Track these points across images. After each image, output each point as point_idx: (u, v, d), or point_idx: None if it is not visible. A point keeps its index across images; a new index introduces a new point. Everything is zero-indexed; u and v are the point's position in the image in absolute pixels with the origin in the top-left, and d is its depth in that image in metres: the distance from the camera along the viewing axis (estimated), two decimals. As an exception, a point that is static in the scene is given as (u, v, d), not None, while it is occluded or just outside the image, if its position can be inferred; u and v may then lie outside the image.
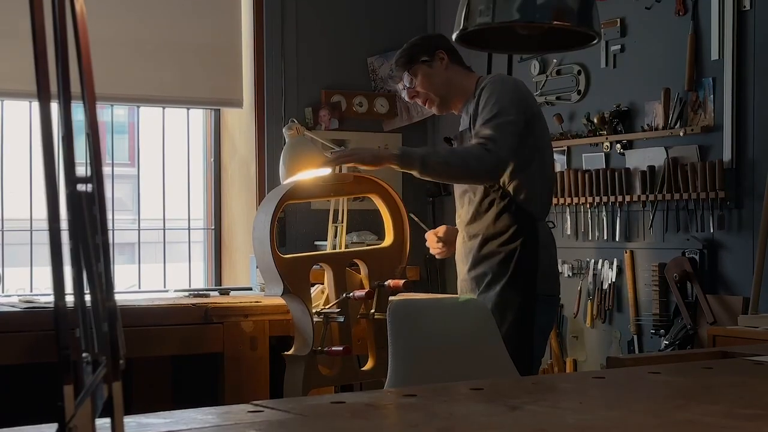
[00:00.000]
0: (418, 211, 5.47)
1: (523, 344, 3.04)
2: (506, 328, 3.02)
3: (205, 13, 5.21)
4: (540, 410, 1.53)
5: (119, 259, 5.92)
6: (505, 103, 3.09)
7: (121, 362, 0.90)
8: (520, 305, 3.07)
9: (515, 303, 3.07)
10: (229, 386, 3.42)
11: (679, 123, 4.39)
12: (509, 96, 3.11)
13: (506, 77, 3.25)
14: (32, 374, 3.23)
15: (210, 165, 5.48)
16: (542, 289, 3.13)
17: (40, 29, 0.77)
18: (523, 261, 3.09)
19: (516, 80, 3.26)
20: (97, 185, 0.89)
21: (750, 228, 4.15)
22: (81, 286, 0.85)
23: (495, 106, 3.09)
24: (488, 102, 3.10)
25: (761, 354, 2.24)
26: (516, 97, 3.12)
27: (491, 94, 3.11)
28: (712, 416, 1.46)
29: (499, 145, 3.02)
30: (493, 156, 3.01)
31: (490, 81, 3.18)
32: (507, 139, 3.05)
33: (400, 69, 3.30)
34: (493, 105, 3.09)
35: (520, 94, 3.15)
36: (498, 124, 3.06)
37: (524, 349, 3.03)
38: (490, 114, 3.08)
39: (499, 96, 3.10)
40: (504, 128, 3.05)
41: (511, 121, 3.07)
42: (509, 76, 3.32)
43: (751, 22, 4.17)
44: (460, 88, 3.26)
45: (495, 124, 3.06)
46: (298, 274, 3.30)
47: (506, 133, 3.05)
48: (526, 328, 3.06)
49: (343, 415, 1.50)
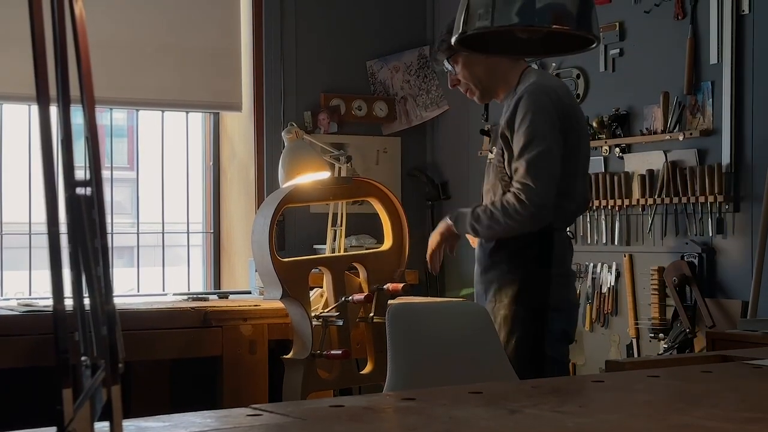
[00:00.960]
0: (417, 215, 5.48)
1: (536, 353, 2.96)
2: (517, 337, 2.95)
3: (205, 16, 5.21)
4: (539, 414, 1.53)
5: (118, 263, 5.92)
6: (540, 127, 2.92)
7: (120, 366, 0.90)
8: (532, 315, 2.96)
9: (526, 313, 2.97)
10: (228, 390, 3.42)
11: (678, 127, 4.40)
12: (544, 117, 2.94)
13: (543, 90, 2.99)
14: (31, 378, 3.23)
15: (209, 168, 5.48)
16: (556, 298, 3.02)
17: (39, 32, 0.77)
18: (535, 271, 2.98)
19: (553, 92, 3.02)
20: (96, 189, 0.89)
21: (749, 232, 4.15)
22: (80, 289, 0.85)
23: (529, 132, 2.91)
24: (522, 124, 2.93)
25: (760, 358, 2.24)
26: (552, 117, 2.95)
27: (525, 114, 2.93)
28: (711, 420, 1.46)
29: (535, 191, 2.87)
30: (525, 205, 2.88)
31: (527, 95, 2.97)
32: (543, 177, 2.90)
33: (441, 55, 3.17)
34: (526, 130, 2.92)
35: (557, 112, 2.97)
36: (532, 159, 2.89)
37: (537, 357, 2.95)
38: (524, 141, 2.91)
39: (534, 118, 2.93)
40: (539, 163, 2.89)
41: (546, 150, 2.90)
42: (549, 85, 3.05)
43: (749, 26, 4.17)
44: (504, 78, 3.11)
45: (530, 159, 2.89)
46: (297, 277, 3.30)
47: (541, 168, 2.90)
48: (539, 337, 2.96)
49: (341, 418, 1.50)
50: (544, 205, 2.91)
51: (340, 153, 3.78)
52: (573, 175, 3.05)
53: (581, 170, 3.12)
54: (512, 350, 2.93)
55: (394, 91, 5.63)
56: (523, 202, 2.89)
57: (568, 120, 3.00)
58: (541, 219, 2.93)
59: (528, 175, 2.89)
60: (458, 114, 5.56)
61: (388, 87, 5.62)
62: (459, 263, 5.50)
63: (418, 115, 5.66)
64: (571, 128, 3.02)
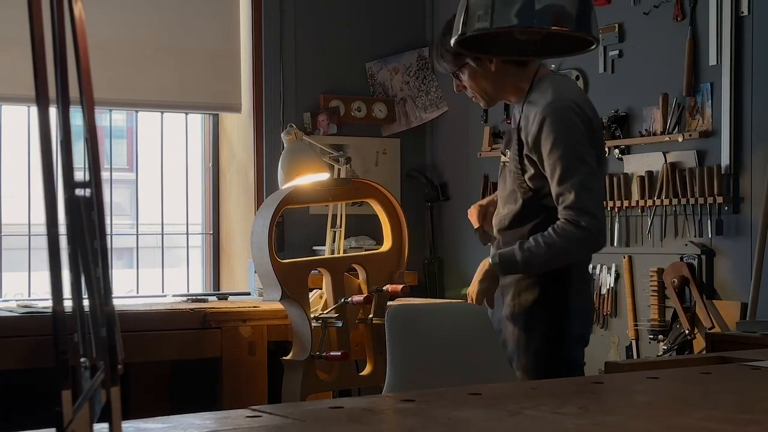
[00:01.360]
0: (416, 216, 5.49)
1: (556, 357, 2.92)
2: (537, 341, 2.90)
3: (204, 18, 5.21)
4: (539, 415, 1.53)
5: (117, 264, 5.91)
6: (576, 150, 2.83)
7: (119, 367, 0.90)
8: (552, 320, 2.92)
9: (547, 317, 2.92)
10: (228, 391, 3.42)
11: (677, 128, 4.40)
12: (576, 136, 2.85)
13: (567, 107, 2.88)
14: (30, 379, 3.23)
15: (208, 170, 5.48)
16: (576, 302, 2.97)
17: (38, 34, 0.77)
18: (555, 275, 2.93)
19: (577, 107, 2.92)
20: (96, 190, 0.89)
21: (748, 233, 4.15)
22: (79, 291, 0.85)
23: (567, 157, 2.81)
24: (555, 148, 2.82)
25: (759, 359, 2.24)
26: (583, 136, 2.87)
27: (556, 138, 2.82)
28: (711, 421, 1.46)
29: (589, 211, 2.80)
30: (589, 232, 2.80)
31: (553, 115, 2.84)
32: (594, 200, 2.83)
33: (445, 66, 3.05)
34: (563, 155, 2.82)
35: (585, 126, 2.89)
36: (580, 185, 2.80)
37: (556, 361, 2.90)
38: (563, 166, 2.81)
39: (567, 141, 2.82)
40: (587, 186, 2.82)
41: (588, 172, 2.84)
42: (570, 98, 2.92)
43: (748, 28, 4.18)
44: (513, 87, 3.00)
45: (577, 186, 2.80)
46: (296, 279, 3.30)
47: (590, 191, 2.82)
48: (558, 341, 2.92)
49: (341, 420, 1.50)
50: (603, 228, 2.87)
51: (340, 154, 3.78)
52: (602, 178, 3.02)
53: (603, 176, 3.10)
54: (532, 353, 2.89)
55: (393, 92, 5.63)
56: (585, 229, 2.80)
57: (592, 132, 2.95)
58: (602, 243, 2.89)
59: (581, 202, 2.80)
60: (458, 115, 5.56)
61: (387, 88, 5.62)
62: (458, 263, 5.50)
63: (418, 117, 5.66)
64: (596, 138, 2.97)
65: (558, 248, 2.83)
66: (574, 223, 2.80)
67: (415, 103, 5.66)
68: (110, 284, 0.91)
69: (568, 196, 2.81)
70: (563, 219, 2.81)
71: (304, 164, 3.62)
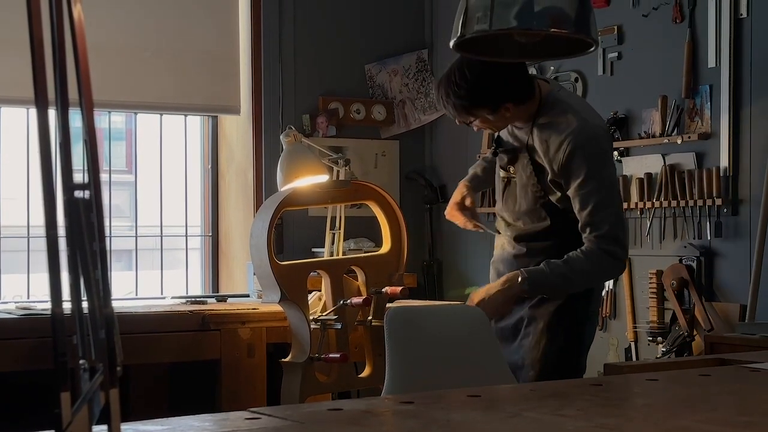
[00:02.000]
0: (415, 218, 5.49)
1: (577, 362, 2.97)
2: (557, 348, 2.93)
3: (203, 20, 5.22)
4: (538, 417, 1.53)
5: (116, 266, 5.91)
6: (607, 180, 2.88)
7: (118, 369, 0.90)
8: (571, 326, 2.95)
9: (567, 324, 2.95)
10: (227, 393, 3.42)
11: (676, 130, 4.40)
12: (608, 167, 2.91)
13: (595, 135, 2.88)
14: (29, 381, 3.22)
15: (207, 172, 5.48)
16: (593, 307, 3.05)
17: (37, 36, 0.77)
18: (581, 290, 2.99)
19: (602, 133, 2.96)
20: (95, 192, 0.89)
21: (747, 235, 4.15)
22: (78, 292, 0.85)
23: (602, 189, 2.84)
24: (589, 181, 2.82)
25: (758, 361, 2.24)
26: (611, 164, 2.96)
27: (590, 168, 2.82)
28: (710, 424, 1.46)
29: (620, 242, 2.87)
30: (621, 261, 2.90)
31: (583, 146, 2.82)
32: (624, 230, 2.93)
33: (459, 114, 2.92)
34: (597, 189, 2.83)
35: (610, 152, 2.99)
36: (614, 215, 2.86)
37: (576, 367, 2.97)
38: (599, 198, 2.83)
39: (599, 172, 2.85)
40: (620, 217, 2.90)
41: (619, 202, 2.95)
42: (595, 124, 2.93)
43: (747, 30, 4.18)
44: (518, 118, 2.95)
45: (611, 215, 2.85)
46: (295, 281, 3.30)
47: (622, 221, 2.91)
48: (576, 347, 2.97)
49: (340, 422, 1.50)
50: (627, 253, 2.95)
51: (339, 156, 3.78)
52: None
53: None
54: (554, 356, 2.92)
55: (392, 94, 5.63)
56: (620, 260, 2.89)
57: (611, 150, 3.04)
58: (625, 267, 3.03)
59: (617, 233, 2.86)
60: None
61: (386, 90, 5.62)
62: (457, 265, 5.50)
63: (417, 119, 5.67)
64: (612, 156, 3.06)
65: (592, 276, 2.92)
66: (610, 253, 2.85)
67: (414, 105, 5.67)
68: (109, 286, 0.91)
69: (603, 226, 2.84)
70: (599, 248, 2.84)
71: (303, 166, 3.62)
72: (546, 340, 2.93)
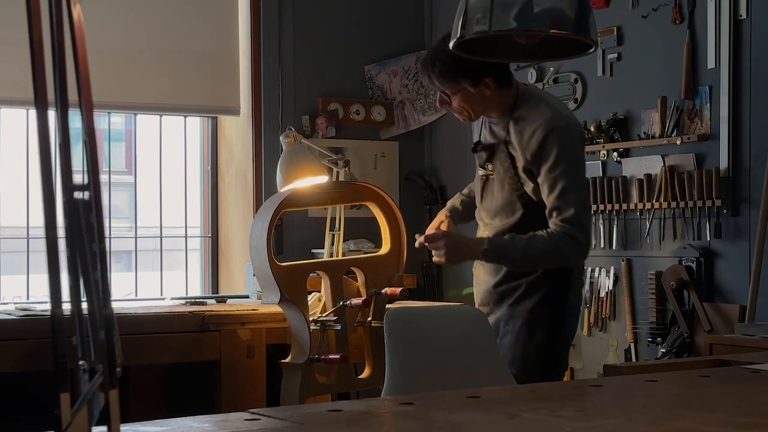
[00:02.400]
0: (415, 219, 5.48)
1: (556, 357, 3.01)
2: (537, 342, 2.97)
3: (203, 20, 5.22)
4: (537, 418, 1.53)
5: (116, 267, 5.91)
6: (577, 171, 2.97)
7: (117, 370, 0.90)
8: (550, 322, 2.99)
9: (545, 320, 2.99)
10: (226, 394, 3.42)
11: (676, 131, 4.40)
12: (576, 155, 2.98)
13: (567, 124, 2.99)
14: (29, 382, 3.22)
15: (207, 173, 5.48)
16: (573, 301, 3.07)
17: (37, 37, 0.78)
18: (556, 278, 3.01)
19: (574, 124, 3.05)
20: (94, 193, 0.89)
21: (746, 236, 4.15)
22: (78, 293, 0.85)
23: (568, 173, 2.92)
24: (557, 165, 2.90)
25: (758, 362, 2.24)
26: (581, 154, 3.02)
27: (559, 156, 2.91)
28: (709, 425, 1.46)
29: (585, 228, 2.94)
30: (582, 248, 2.95)
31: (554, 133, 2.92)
32: (588, 217, 2.98)
33: (441, 81, 3.05)
34: (564, 173, 2.91)
35: (581, 143, 3.05)
36: (578, 200, 2.93)
37: (557, 361, 3.00)
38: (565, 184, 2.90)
39: (569, 159, 2.93)
40: (584, 204, 2.97)
41: (584, 193, 3.01)
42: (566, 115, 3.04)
43: (747, 31, 4.18)
44: (498, 105, 3.05)
45: (576, 201, 2.92)
46: (295, 282, 3.30)
47: (586, 209, 2.97)
48: (556, 343, 3.01)
49: (340, 423, 1.50)
50: (590, 237, 3.02)
51: (338, 157, 3.78)
52: None
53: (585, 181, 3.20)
54: (533, 353, 2.97)
55: (392, 95, 5.63)
56: (581, 245, 2.94)
57: (582, 144, 3.09)
58: (586, 255, 3.03)
59: (581, 219, 2.93)
60: (456, 118, 5.54)
61: (386, 91, 5.62)
62: (457, 266, 5.50)
63: (416, 120, 5.67)
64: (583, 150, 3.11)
65: (551, 257, 2.97)
66: (572, 237, 2.92)
67: (413, 106, 5.67)
68: (109, 287, 0.91)
69: (569, 211, 2.91)
70: (562, 231, 2.92)
71: (302, 167, 3.62)
72: (525, 337, 2.98)
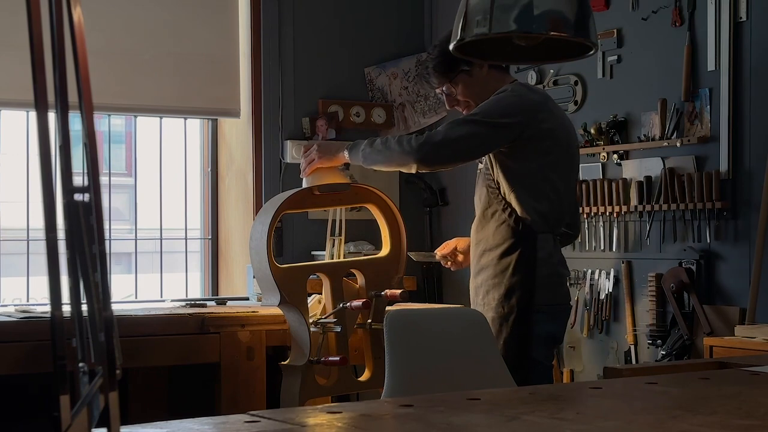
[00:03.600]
0: (415, 222, 5.48)
1: (521, 355, 3.02)
2: (503, 339, 3.02)
3: (203, 23, 5.22)
4: (537, 421, 1.53)
5: (116, 269, 5.91)
6: (491, 109, 3.05)
7: (117, 372, 0.90)
8: (517, 318, 3.02)
9: (511, 316, 3.03)
10: (226, 396, 3.42)
11: (676, 133, 4.40)
12: (504, 102, 3.06)
13: (521, 89, 3.15)
14: (28, 384, 3.22)
15: (207, 175, 5.48)
16: (542, 300, 3.06)
17: (37, 39, 0.78)
18: (519, 275, 3.04)
19: (527, 93, 3.15)
20: (94, 195, 0.89)
21: (747, 238, 4.15)
22: (78, 295, 0.85)
23: (478, 109, 3.07)
24: (476, 110, 3.08)
25: (758, 365, 2.24)
26: (512, 105, 3.06)
27: (484, 104, 3.08)
28: (709, 427, 1.46)
29: (432, 142, 3.01)
30: (414, 149, 3.02)
31: (499, 92, 3.11)
32: (447, 145, 3.02)
33: (441, 79, 3.21)
34: (481, 107, 3.07)
35: (521, 105, 3.07)
36: (460, 121, 3.04)
37: (522, 360, 3.02)
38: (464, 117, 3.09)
39: (494, 102, 3.06)
40: (462, 127, 3.03)
41: (481, 122, 3.03)
42: (528, 88, 3.23)
43: (747, 33, 4.18)
44: (494, 87, 3.18)
45: (457, 121, 3.05)
46: (295, 283, 3.30)
47: (453, 140, 3.02)
48: (524, 340, 3.03)
49: (339, 425, 1.49)
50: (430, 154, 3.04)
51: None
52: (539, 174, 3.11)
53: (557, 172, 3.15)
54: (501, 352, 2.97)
55: (392, 97, 5.64)
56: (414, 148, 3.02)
57: (532, 118, 3.07)
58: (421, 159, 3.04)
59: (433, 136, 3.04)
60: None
61: (386, 93, 5.62)
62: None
63: (417, 122, 5.66)
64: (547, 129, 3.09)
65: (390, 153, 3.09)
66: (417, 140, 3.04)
67: (413, 108, 5.67)
68: (108, 289, 0.91)
69: (436, 130, 3.07)
70: (413, 135, 3.09)
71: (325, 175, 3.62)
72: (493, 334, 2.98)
